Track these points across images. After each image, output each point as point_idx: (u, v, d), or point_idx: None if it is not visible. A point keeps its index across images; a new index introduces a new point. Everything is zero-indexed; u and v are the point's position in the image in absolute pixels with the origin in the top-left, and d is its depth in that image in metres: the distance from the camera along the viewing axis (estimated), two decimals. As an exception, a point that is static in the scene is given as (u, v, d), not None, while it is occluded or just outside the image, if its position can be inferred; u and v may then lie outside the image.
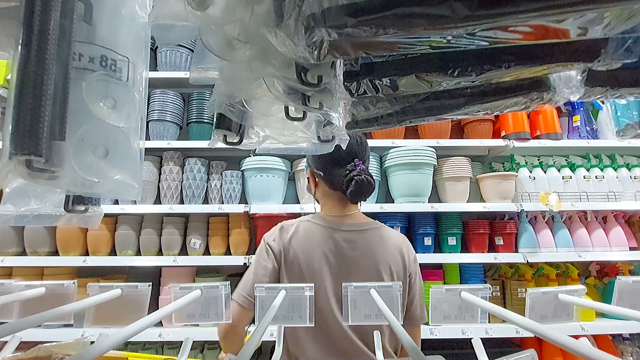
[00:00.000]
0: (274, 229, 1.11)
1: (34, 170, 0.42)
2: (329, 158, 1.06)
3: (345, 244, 1.06)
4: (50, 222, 0.62)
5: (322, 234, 1.07)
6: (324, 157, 1.08)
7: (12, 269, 1.95)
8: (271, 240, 1.07)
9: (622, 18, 0.37)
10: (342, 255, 1.05)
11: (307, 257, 1.04)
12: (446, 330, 1.80)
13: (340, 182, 1.06)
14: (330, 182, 1.10)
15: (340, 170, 1.07)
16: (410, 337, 0.44)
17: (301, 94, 0.57)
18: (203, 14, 0.46)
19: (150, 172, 2.04)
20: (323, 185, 1.13)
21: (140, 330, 0.39)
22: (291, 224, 1.11)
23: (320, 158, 1.11)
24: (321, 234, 1.07)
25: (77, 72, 0.50)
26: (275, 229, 1.11)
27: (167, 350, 1.91)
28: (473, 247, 2.09)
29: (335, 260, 1.04)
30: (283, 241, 1.06)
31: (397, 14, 0.37)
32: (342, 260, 1.05)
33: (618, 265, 2.17)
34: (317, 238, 1.06)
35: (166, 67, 2.18)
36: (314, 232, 1.07)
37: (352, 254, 1.05)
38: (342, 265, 1.04)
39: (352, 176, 1.04)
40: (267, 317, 0.50)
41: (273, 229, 1.12)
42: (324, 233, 1.07)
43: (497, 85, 0.67)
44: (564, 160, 2.28)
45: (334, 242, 1.06)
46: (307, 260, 1.03)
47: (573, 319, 0.58)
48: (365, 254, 1.06)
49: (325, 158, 1.08)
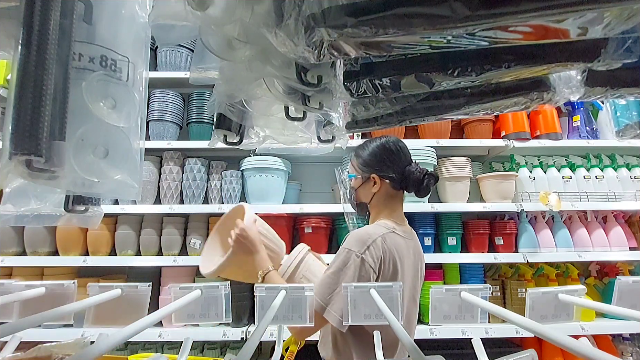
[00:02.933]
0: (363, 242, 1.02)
1: (34, 170, 0.42)
2: (401, 159, 1.13)
3: (411, 253, 1.13)
4: (50, 222, 0.62)
5: (406, 246, 1.11)
6: (396, 158, 1.13)
7: (12, 269, 1.95)
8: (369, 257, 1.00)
9: (622, 18, 0.37)
10: (410, 262, 1.11)
11: (401, 270, 1.06)
12: (446, 330, 1.80)
13: (414, 179, 1.11)
14: (400, 182, 1.13)
15: (410, 168, 1.12)
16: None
17: (301, 94, 0.57)
18: (203, 14, 0.46)
19: (150, 172, 2.03)
20: (387, 187, 1.14)
21: (140, 330, 0.39)
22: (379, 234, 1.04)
23: (392, 160, 1.13)
24: (406, 247, 1.10)
25: (77, 72, 0.50)
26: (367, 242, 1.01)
27: (167, 350, 1.91)
28: (473, 247, 2.09)
29: (410, 269, 1.11)
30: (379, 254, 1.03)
31: (397, 14, 0.37)
32: (412, 267, 1.12)
33: (618, 265, 2.17)
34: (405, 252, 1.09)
35: (166, 67, 2.18)
36: (402, 244, 1.09)
37: (412, 260, 1.12)
38: (411, 272, 1.11)
39: (425, 173, 1.11)
40: (267, 317, 0.50)
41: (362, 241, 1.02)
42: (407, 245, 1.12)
43: (497, 85, 0.67)
44: (564, 160, 2.27)
45: (409, 252, 1.11)
46: (400, 273, 1.06)
47: (573, 319, 0.58)
48: (417, 259, 1.15)
49: (398, 159, 1.13)
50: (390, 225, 1.09)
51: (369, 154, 1.14)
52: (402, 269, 1.04)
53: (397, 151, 1.13)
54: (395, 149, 1.13)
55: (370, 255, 0.99)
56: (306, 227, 2.00)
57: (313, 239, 2.00)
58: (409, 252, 1.10)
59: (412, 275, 1.11)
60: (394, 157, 1.12)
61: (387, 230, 1.07)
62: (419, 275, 1.15)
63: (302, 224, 2.03)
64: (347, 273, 0.98)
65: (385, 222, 1.11)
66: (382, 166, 1.12)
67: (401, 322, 0.50)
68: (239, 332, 1.77)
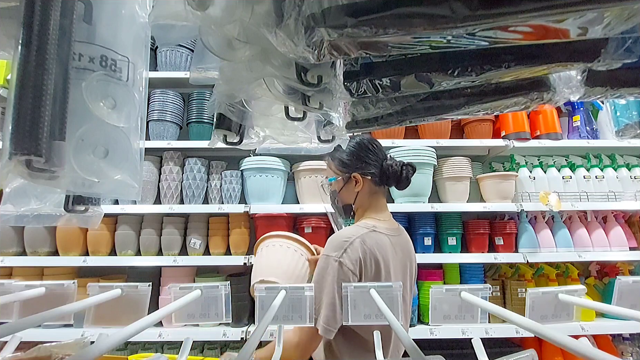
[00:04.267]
0: (340, 245, 1.01)
1: (34, 170, 0.42)
2: (377, 155, 1.15)
3: (398, 249, 1.11)
4: (50, 222, 0.62)
5: (390, 243, 1.09)
6: (372, 155, 1.14)
7: (12, 269, 1.95)
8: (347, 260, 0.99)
9: (622, 18, 0.37)
10: (397, 260, 1.10)
11: (385, 269, 1.04)
12: (446, 330, 1.80)
13: (393, 172, 1.12)
14: (380, 177, 1.14)
15: (388, 162, 1.14)
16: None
17: (301, 94, 0.57)
18: (203, 14, 0.46)
19: (150, 172, 2.03)
20: (369, 184, 1.14)
21: (140, 330, 0.39)
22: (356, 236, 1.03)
23: (369, 157, 1.14)
24: (390, 244, 1.09)
25: (77, 72, 0.50)
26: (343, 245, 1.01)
27: (167, 350, 1.91)
28: (473, 247, 2.09)
29: (398, 267, 1.10)
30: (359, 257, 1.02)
31: (397, 14, 0.37)
32: (400, 265, 1.11)
33: (618, 265, 2.17)
34: (388, 249, 1.08)
35: (166, 67, 2.18)
36: (385, 242, 1.08)
37: (400, 256, 1.11)
38: (399, 269, 1.10)
39: (402, 165, 1.13)
40: (267, 317, 0.50)
41: (339, 245, 1.01)
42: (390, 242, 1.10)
43: (497, 85, 0.67)
44: (564, 160, 2.27)
45: (394, 249, 1.10)
46: (385, 272, 1.04)
47: (573, 319, 0.58)
48: (405, 256, 1.14)
49: (374, 155, 1.14)
50: (370, 224, 1.08)
51: (346, 155, 1.15)
52: (386, 268, 1.03)
53: (373, 148, 1.15)
54: (371, 146, 1.15)
55: (348, 258, 0.98)
56: (306, 227, 2.01)
57: (313, 239, 1.98)
58: (394, 250, 1.08)
59: (401, 273, 1.09)
60: (370, 154, 1.14)
61: (367, 229, 1.05)
62: (408, 273, 1.13)
63: (302, 224, 2.03)
64: (327, 279, 0.97)
65: (366, 222, 1.10)
66: (361, 164, 1.13)
67: (401, 322, 0.50)
68: (239, 332, 1.77)
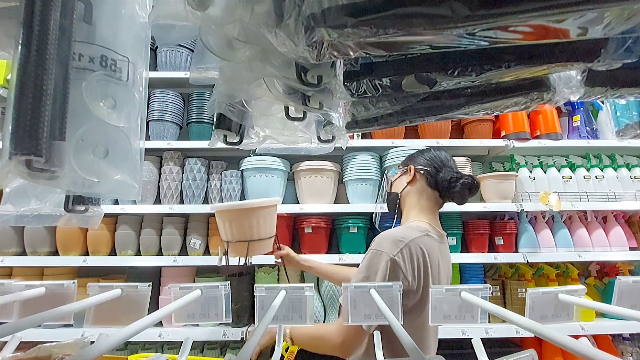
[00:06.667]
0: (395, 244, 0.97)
1: (34, 170, 0.42)
2: (443, 162, 1.12)
3: (445, 258, 1.11)
4: (50, 222, 0.62)
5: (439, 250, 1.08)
6: (438, 159, 1.12)
7: (12, 269, 1.95)
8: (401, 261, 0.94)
9: (622, 18, 0.37)
10: (443, 267, 1.08)
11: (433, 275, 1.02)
12: (446, 330, 1.80)
13: (446, 179, 1.08)
14: (434, 177, 1.11)
15: (450, 171, 1.10)
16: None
17: (301, 94, 0.57)
18: (203, 14, 0.46)
19: (150, 172, 2.03)
20: (422, 183, 1.12)
21: (140, 330, 0.39)
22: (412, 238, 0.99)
23: (434, 158, 1.13)
24: (439, 251, 1.07)
25: (77, 72, 0.50)
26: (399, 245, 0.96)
27: (167, 350, 1.91)
28: (473, 247, 2.09)
29: (443, 275, 1.09)
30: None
31: (397, 14, 0.37)
32: (445, 274, 1.10)
33: (618, 265, 2.17)
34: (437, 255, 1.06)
35: (166, 67, 2.18)
36: (435, 249, 1.05)
37: (445, 265, 1.10)
38: (444, 278, 1.09)
39: (457, 176, 1.07)
40: (267, 317, 0.50)
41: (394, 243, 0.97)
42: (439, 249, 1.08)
43: (497, 85, 0.67)
44: (564, 160, 2.27)
45: (441, 256, 1.08)
46: (432, 279, 1.01)
47: (573, 319, 0.58)
48: (447, 264, 1.13)
49: (440, 160, 1.12)
50: (423, 228, 1.04)
51: (417, 152, 1.16)
52: (434, 275, 0.99)
53: (446, 157, 1.13)
54: (444, 156, 1.14)
55: (402, 258, 0.92)
56: (306, 227, 2.00)
57: (313, 239, 2.00)
58: (441, 257, 1.06)
59: (445, 282, 1.08)
60: (437, 157, 1.13)
61: (421, 233, 1.01)
62: (446, 282, 1.12)
63: (302, 224, 2.03)
64: (378, 275, 0.91)
65: (419, 225, 1.05)
66: (422, 159, 1.13)
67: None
68: (239, 332, 1.77)
